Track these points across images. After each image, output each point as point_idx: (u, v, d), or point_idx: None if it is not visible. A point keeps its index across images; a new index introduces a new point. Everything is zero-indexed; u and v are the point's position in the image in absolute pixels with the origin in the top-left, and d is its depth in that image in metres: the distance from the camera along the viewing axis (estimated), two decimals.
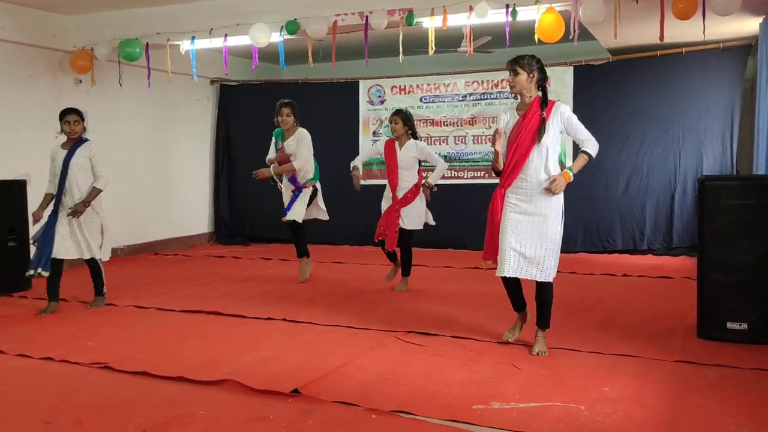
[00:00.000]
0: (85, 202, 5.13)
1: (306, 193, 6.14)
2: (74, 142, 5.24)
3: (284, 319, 4.85)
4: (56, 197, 5.24)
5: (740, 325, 4.04)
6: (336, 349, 4.06)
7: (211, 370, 3.67)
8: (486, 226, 4.03)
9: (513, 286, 4.01)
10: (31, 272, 5.11)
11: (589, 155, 3.84)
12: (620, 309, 5.06)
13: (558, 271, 3.98)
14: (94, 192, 5.18)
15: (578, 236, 8.00)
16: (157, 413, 3.09)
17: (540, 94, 3.86)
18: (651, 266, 6.99)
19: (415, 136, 5.74)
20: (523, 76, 3.80)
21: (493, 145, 3.89)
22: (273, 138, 6.23)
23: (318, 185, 6.27)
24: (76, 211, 5.09)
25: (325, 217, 6.40)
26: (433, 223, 5.92)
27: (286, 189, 6.21)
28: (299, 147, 6.03)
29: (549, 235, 3.82)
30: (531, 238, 3.82)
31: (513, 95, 3.98)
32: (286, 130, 6.08)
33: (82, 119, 5.29)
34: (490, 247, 4.00)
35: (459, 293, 5.68)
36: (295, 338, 4.35)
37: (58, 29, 7.19)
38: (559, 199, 3.86)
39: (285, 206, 6.16)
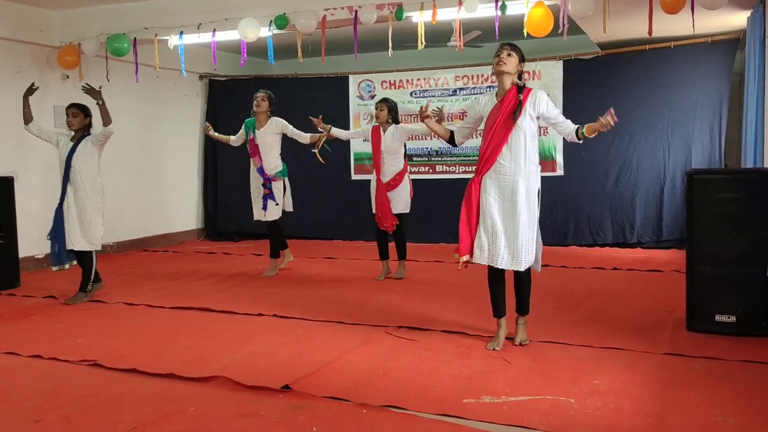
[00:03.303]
0: (101, 100, 5.23)
1: (278, 189, 6.21)
2: (80, 137, 5.34)
3: (275, 315, 4.84)
4: (62, 190, 5.34)
5: (728, 317, 4.07)
6: (326, 345, 4.06)
7: (201, 366, 3.66)
8: (460, 216, 3.96)
9: (498, 286, 3.94)
10: (55, 268, 5.42)
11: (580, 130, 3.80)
12: (610, 302, 5.09)
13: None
14: (108, 119, 5.25)
15: (568, 230, 8.04)
16: (147, 410, 3.08)
17: (519, 83, 3.86)
18: (640, 259, 7.03)
19: (396, 122, 6.03)
20: (515, 59, 3.82)
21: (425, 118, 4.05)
22: (242, 129, 6.35)
23: (287, 181, 6.36)
24: (92, 89, 5.25)
25: (289, 208, 6.43)
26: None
27: (255, 183, 6.29)
28: (286, 128, 6.23)
29: (523, 219, 3.78)
30: (507, 224, 3.79)
31: (493, 78, 3.97)
32: (258, 117, 6.19)
33: (85, 113, 5.38)
34: (465, 241, 3.92)
35: (449, 288, 5.69)
36: (285, 334, 4.34)
37: (44, 24, 7.12)
38: (534, 183, 3.84)
39: (259, 205, 6.26)
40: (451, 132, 4.21)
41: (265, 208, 6.22)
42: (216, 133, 6.54)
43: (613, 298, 5.24)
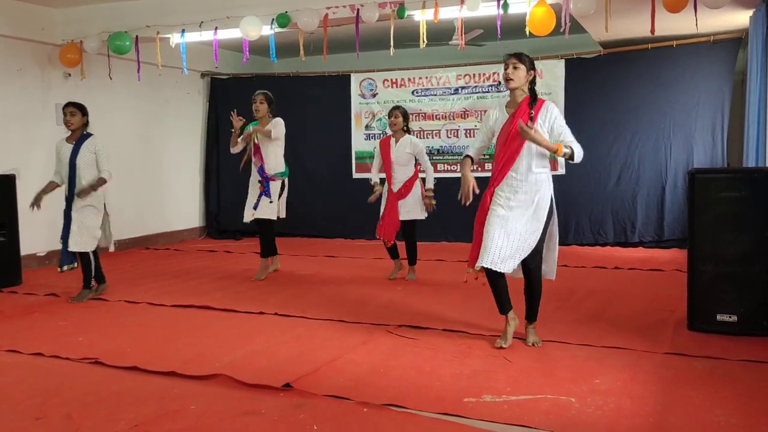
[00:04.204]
0: (92, 187, 5.22)
1: (275, 188, 6.06)
2: (78, 137, 5.29)
3: (276, 314, 4.84)
4: (68, 194, 5.32)
5: (730, 317, 4.07)
6: (327, 343, 4.06)
7: (202, 364, 3.67)
8: (474, 229, 3.94)
9: (499, 283, 3.92)
10: (64, 268, 5.38)
11: (572, 153, 3.77)
12: (611, 301, 5.09)
13: None
14: (100, 181, 5.25)
15: (570, 229, 8.03)
16: (148, 408, 3.08)
17: (529, 94, 3.85)
18: (642, 259, 7.03)
19: (409, 131, 5.98)
20: (522, 71, 3.80)
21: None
22: (244, 132, 6.15)
23: (286, 183, 6.23)
24: (81, 192, 5.21)
25: (282, 215, 6.28)
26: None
27: (253, 181, 6.15)
28: (276, 127, 5.97)
29: (535, 227, 3.79)
30: (518, 232, 3.77)
31: (501, 90, 3.95)
32: (260, 119, 6.04)
33: (82, 113, 5.33)
34: (476, 254, 3.89)
35: (450, 286, 5.69)
36: (286, 332, 4.34)
37: (46, 22, 7.13)
38: (547, 193, 3.84)
39: (253, 201, 6.09)
40: (470, 159, 4.05)
41: (256, 206, 6.06)
42: (240, 122, 5.99)
43: (615, 297, 5.24)
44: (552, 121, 3.81)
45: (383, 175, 5.99)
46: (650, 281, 5.90)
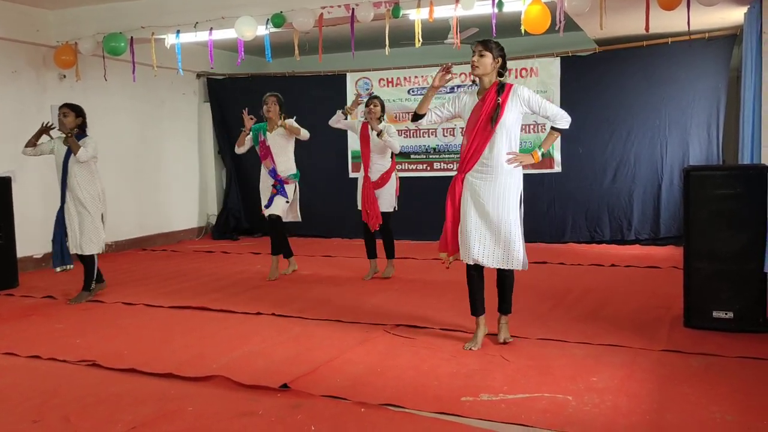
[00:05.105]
0: (75, 144, 5.19)
1: (289, 190, 6.10)
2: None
3: (273, 314, 4.84)
4: (61, 194, 5.34)
5: (726, 313, 4.08)
6: (325, 343, 4.07)
7: (199, 365, 3.67)
8: (446, 212, 3.93)
9: (477, 279, 3.91)
10: (57, 269, 5.40)
11: (559, 130, 3.88)
12: (608, 299, 5.10)
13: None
14: (75, 145, 5.20)
15: (566, 227, 8.04)
16: (145, 410, 3.08)
17: (500, 80, 3.83)
18: (638, 256, 7.04)
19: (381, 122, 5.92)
20: (488, 58, 3.78)
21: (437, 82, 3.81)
22: (251, 134, 6.12)
23: (297, 186, 6.25)
24: (67, 137, 5.23)
25: (297, 218, 6.33)
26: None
27: (264, 183, 6.15)
28: (293, 125, 6.01)
29: (510, 217, 3.77)
30: (492, 222, 3.77)
31: (473, 79, 3.92)
32: (271, 120, 6.04)
33: (76, 113, 5.31)
34: (449, 238, 3.90)
35: (447, 286, 5.69)
36: (283, 333, 4.35)
37: (41, 24, 7.11)
38: (517, 182, 3.83)
39: (266, 202, 6.10)
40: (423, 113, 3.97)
41: (269, 204, 6.06)
42: (252, 121, 6.05)
43: (611, 295, 5.25)
44: (526, 102, 3.80)
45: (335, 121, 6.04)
46: (647, 279, 5.91)
